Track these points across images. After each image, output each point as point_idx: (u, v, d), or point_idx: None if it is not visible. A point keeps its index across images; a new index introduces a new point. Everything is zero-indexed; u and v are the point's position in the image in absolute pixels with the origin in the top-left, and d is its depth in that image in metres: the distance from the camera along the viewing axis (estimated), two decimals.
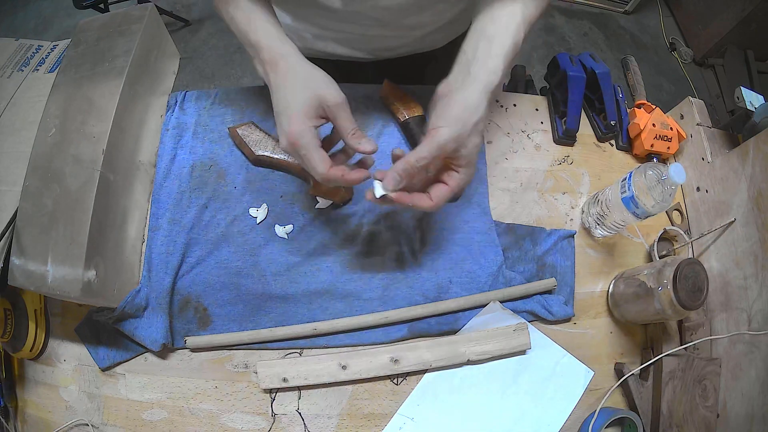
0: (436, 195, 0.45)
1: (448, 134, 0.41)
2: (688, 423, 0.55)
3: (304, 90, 0.43)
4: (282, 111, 0.44)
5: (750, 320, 0.56)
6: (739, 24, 1.92)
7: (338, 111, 0.44)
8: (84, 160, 0.53)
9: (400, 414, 0.56)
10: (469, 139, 0.42)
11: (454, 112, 0.42)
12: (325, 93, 0.43)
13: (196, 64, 1.85)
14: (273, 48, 0.45)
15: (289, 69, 0.44)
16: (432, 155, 0.42)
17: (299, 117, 0.43)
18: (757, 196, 0.57)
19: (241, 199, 0.63)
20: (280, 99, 0.44)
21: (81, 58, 0.60)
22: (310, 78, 0.44)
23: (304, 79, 0.44)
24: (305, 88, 0.44)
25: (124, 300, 0.55)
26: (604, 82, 0.69)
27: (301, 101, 0.43)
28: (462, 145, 0.42)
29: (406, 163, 0.42)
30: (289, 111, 0.43)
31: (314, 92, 0.43)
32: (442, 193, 0.45)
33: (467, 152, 0.43)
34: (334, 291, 0.60)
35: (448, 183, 0.45)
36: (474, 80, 0.43)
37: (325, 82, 0.44)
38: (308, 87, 0.44)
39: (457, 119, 0.42)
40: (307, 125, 0.43)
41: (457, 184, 0.45)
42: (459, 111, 0.42)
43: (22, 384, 0.60)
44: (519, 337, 0.57)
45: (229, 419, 0.56)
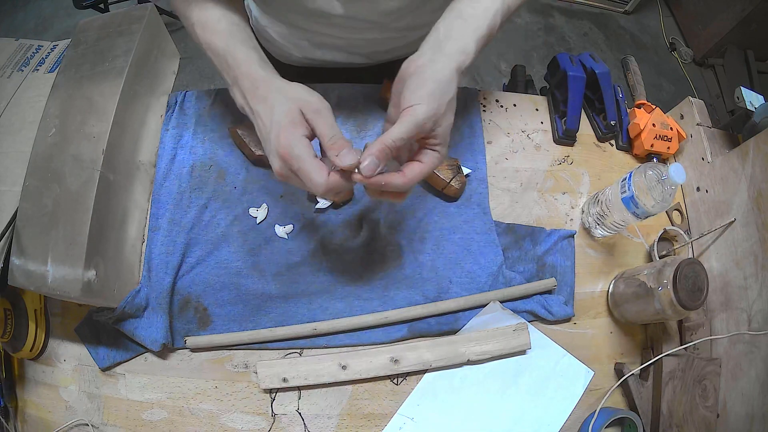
0: (410, 172, 0.42)
1: (424, 112, 0.40)
2: (688, 423, 0.55)
3: (284, 103, 0.41)
4: (267, 132, 0.41)
5: (750, 320, 0.56)
6: (739, 24, 1.92)
7: (317, 117, 0.41)
8: (84, 160, 0.53)
9: (400, 414, 0.56)
10: (444, 117, 0.41)
11: (428, 88, 0.40)
12: (306, 99, 0.41)
13: (196, 64, 1.85)
14: (252, 74, 0.44)
15: (267, 89, 0.43)
16: (409, 135, 0.40)
17: (286, 128, 0.40)
18: (757, 196, 0.57)
19: (241, 199, 0.63)
20: (264, 121, 0.42)
21: (81, 58, 0.60)
22: (288, 90, 0.42)
23: (284, 93, 0.42)
24: (285, 100, 0.41)
25: (124, 300, 0.55)
26: (604, 82, 0.69)
27: (283, 113, 0.41)
28: (437, 124, 0.41)
29: (382, 144, 0.40)
30: (274, 127, 0.40)
31: (294, 102, 0.41)
32: (415, 171, 0.42)
33: (442, 130, 0.42)
34: (334, 291, 0.60)
35: (423, 161, 0.43)
36: (446, 57, 0.42)
37: (305, 92, 0.42)
38: (288, 98, 0.42)
39: (432, 97, 0.40)
40: (297, 134, 0.40)
41: (432, 162, 0.43)
42: (433, 88, 0.40)
43: (22, 384, 0.60)
44: (519, 337, 0.57)
45: (229, 419, 0.56)
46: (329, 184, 0.39)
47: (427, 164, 0.42)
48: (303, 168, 0.39)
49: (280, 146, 0.40)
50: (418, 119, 0.39)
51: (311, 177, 0.39)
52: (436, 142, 0.42)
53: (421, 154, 0.43)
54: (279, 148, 0.40)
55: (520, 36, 2.15)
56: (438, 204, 0.64)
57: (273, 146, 0.41)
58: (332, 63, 0.69)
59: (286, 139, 0.40)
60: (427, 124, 0.40)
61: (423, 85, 0.41)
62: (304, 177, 0.40)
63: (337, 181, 0.40)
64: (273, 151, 0.41)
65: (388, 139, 0.40)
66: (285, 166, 0.41)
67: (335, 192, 0.41)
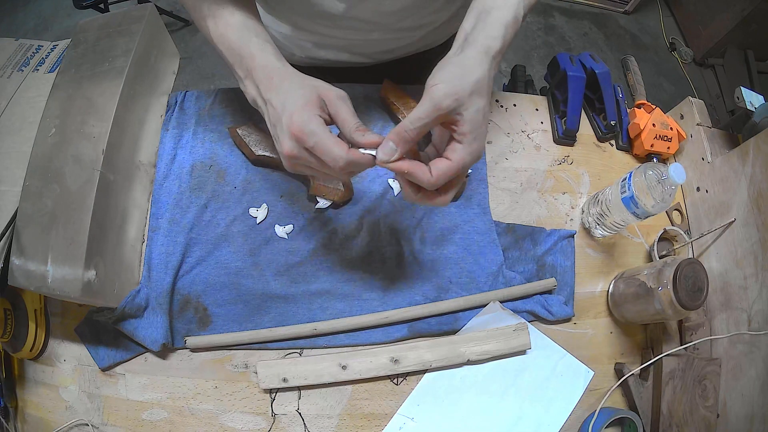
0: (437, 168, 0.38)
1: (442, 90, 0.36)
2: (688, 423, 0.55)
3: (301, 88, 0.40)
4: (278, 117, 0.39)
5: (750, 320, 0.56)
6: (739, 24, 1.92)
7: (340, 104, 0.39)
8: (84, 160, 0.53)
9: (400, 414, 0.56)
10: (469, 98, 0.37)
11: (449, 70, 0.38)
12: (324, 87, 0.40)
13: (196, 64, 1.85)
14: (266, 65, 0.43)
15: (282, 78, 0.42)
16: (428, 115, 0.37)
17: (300, 108, 0.38)
18: (757, 196, 0.57)
19: (241, 199, 0.63)
20: (275, 106, 0.40)
21: (81, 58, 0.60)
22: (306, 79, 0.42)
23: (301, 79, 0.41)
24: (302, 86, 0.40)
25: (124, 300, 0.55)
26: (604, 82, 0.69)
27: (299, 97, 0.39)
28: (461, 105, 0.37)
29: (401, 127, 0.37)
30: (287, 109, 0.39)
31: (313, 88, 0.40)
32: (442, 167, 0.38)
33: (469, 116, 0.37)
34: (334, 291, 0.60)
35: (450, 158, 0.38)
36: (471, 44, 0.40)
37: (323, 82, 0.42)
38: (305, 85, 0.40)
39: (452, 75, 0.37)
40: (312, 112, 0.38)
41: (461, 158, 0.38)
42: (455, 69, 0.38)
43: (22, 384, 0.60)
44: (519, 337, 0.57)
45: (229, 419, 0.56)
46: (350, 157, 0.37)
47: (454, 162, 0.38)
48: (320, 142, 0.37)
49: (293, 125, 0.38)
50: (435, 98, 0.36)
51: (331, 150, 0.37)
52: (463, 130, 0.38)
53: (448, 150, 0.39)
54: (291, 127, 0.38)
55: (520, 36, 2.15)
56: None
57: (285, 127, 0.38)
58: (335, 63, 0.69)
59: (300, 117, 0.38)
60: (446, 102, 0.36)
61: (444, 68, 0.38)
62: (323, 151, 0.37)
63: (357, 155, 0.38)
64: (285, 132, 0.39)
65: (406, 123, 0.37)
66: (298, 146, 0.38)
67: (355, 168, 0.39)
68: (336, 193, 0.61)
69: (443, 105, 0.36)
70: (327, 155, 0.37)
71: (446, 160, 0.39)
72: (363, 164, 0.39)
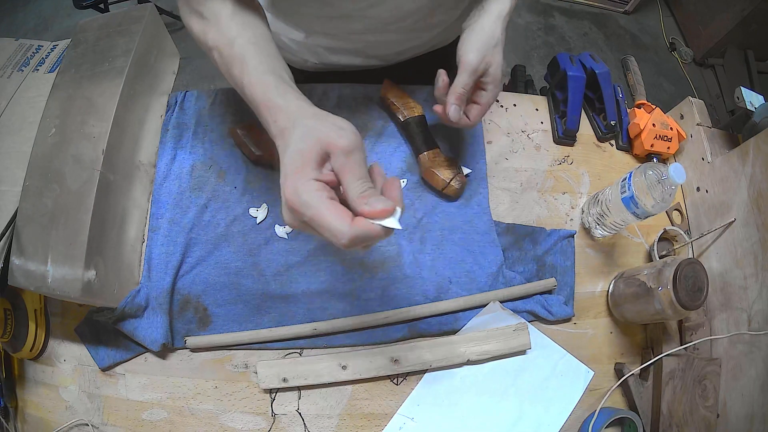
0: (473, 114, 0.53)
1: (476, 58, 0.49)
2: (688, 423, 0.55)
3: (302, 141, 0.34)
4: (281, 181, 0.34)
5: (750, 320, 0.56)
6: (739, 24, 1.92)
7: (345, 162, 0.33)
8: (84, 160, 0.53)
9: (400, 414, 0.56)
10: (492, 58, 0.50)
11: (474, 39, 0.50)
12: (332, 137, 0.33)
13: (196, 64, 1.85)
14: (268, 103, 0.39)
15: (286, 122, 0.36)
16: (471, 77, 0.50)
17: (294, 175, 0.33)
18: (757, 196, 0.57)
19: (241, 199, 0.63)
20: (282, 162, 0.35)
21: (81, 58, 0.60)
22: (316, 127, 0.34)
23: (309, 128, 0.34)
24: (304, 138, 0.34)
25: (124, 300, 0.55)
26: (604, 82, 0.69)
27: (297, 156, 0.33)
28: (488, 65, 0.50)
29: (456, 92, 0.51)
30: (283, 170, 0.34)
31: (316, 141, 0.33)
32: (477, 111, 0.53)
33: (493, 70, 0.51)
34: (334, 291, 0.60)
35: (480, 102, 0.53)
36: (486, 12, 0.51)
37: (336, 127, 0.34)
38: (309, 136, 0.34)
39: (478, 43, 0.50)
40: (306, 177, 0.33)
41: (488, 101, 0.53)
42: (479, 37, 0.50)
43: (22, 384, 0.60)
44: (519, 337, 0.57)
45: (229, 419, 0.56)
46: (354, 232, 0.32)
47: (483, 104, 0.53)
48: (316, 217, 0.32)
49: (286, 192, 0.33)
50: (472, 66, 0.49)
51: (330, 225, 0.31)
52: (488, 80, 0.52)
53: (477, 96, 0.53)
54: (285, 195, 0.33)
55: (520, 36, 2.15)
56: (438, 204, 0.64)
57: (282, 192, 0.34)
58: (348, 67, 0.69)
59: (293, 184, 0.33)
60: (481, 66, 0.50)
61: (471, 39, 0.50)
62: (321, 227, 0.32)
63: (365, 228, 0.32)
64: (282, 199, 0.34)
65: (458, 88, 0.50)
66: (295, 217, 0.34)
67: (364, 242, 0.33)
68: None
69: (479, 68, 0.50)
70: (326, 231, 0.32)
71: (477, 105, 0.53)
72: (372, 237, 0.32)
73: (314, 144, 0.33)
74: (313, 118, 0.35)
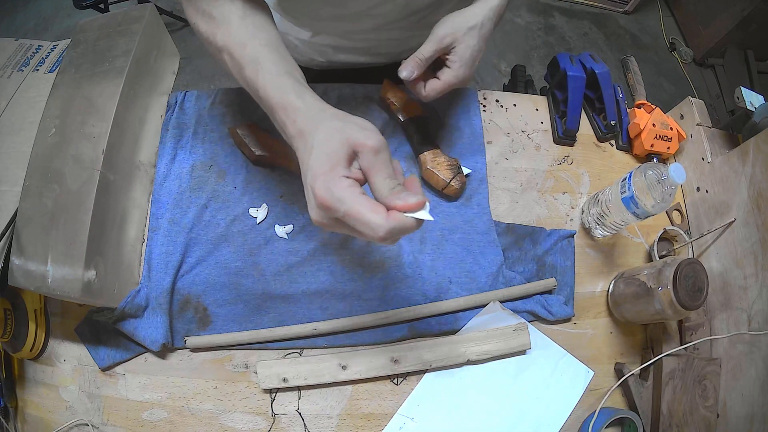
0: (429, 88, 0.52)
1: (443, 31, 0.49)
2: (688, 423, 0.55)
3: (329, 141, 0.34)
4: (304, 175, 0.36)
5: (750, 320, 0.56)
6: (739, 24, 1.92)
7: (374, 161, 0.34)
8: (84, 160, 0.53)
9: (400, 414, 0.56)
10: (464, 38, 0.49)
11: (453, 16, 0.50)
12: (359, 138, 0.34)
13: (196, 64, 1.85)
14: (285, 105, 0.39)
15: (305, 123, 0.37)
16: (433, 48, 0.49)
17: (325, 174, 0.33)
18: (757, 196, 0.57)
19: (241, 199, 0.63)
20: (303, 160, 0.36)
21: (81, 58, 0.60)
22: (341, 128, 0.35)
23: (335, 129, 0.35)
24: (330, 137, 0.35)
25: (124, 300, 0.55)
26: (604, 82, 0.69)
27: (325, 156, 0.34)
28: (456, 41, 0.49)
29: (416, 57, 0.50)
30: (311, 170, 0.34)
31: (344, 139, 0.34)
32: (434, 85, 0.51)
33: (461, 49, 0.49)
34: (334, 291, 0.60)
35: (440, 78, 0.51)
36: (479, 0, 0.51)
37: (360, 127, 0.35)
38: (334, 137, 0.35)
39: (453, 19, 0.50)
40: (338, 175, 0.33)
41: (447, 79, 0.51)
42: (457, 15, 0.50)
43: (22, 384, 0.60)
44: (519, 337, 0.57)
45: (229, 419, 0.56)
46: (390, 225, 0.32)
47: (442, 81, 0.51)
48: (351, 211, 0.32)
49: (318, 191, 0.33)
50: (437, 36, 0.49)
51: (367, 219, 0.32)
52: (453, 58, 0.50)
53: (439, 72, 0.52)
54: (316, 194, 0.34)
55: (520, 36, 2.15)
56: (438, 204, 0.64)
57: (310, 192, 0.35)
58: (353, 65, 0.70)
59: (324, 182, 0.33)
60: (446, 40, 0.49)
61: (451, 16, 0.50)
62: (356, 221, 0.33)
63: (400, 221, 0.33)
64: (310, 198, 0.35)
65: (419, 54, 0.50)
66: (326, 215, 0.34)
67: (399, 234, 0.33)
68: None
69: (444, 41, 0.49)
70: (362, 225, 0.33)
71: (436, 80, 0.52)
72: (407, 229, 0.33)
73: (342, 144, 0.34)
74: (336, 119, 0.36)
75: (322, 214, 0.35)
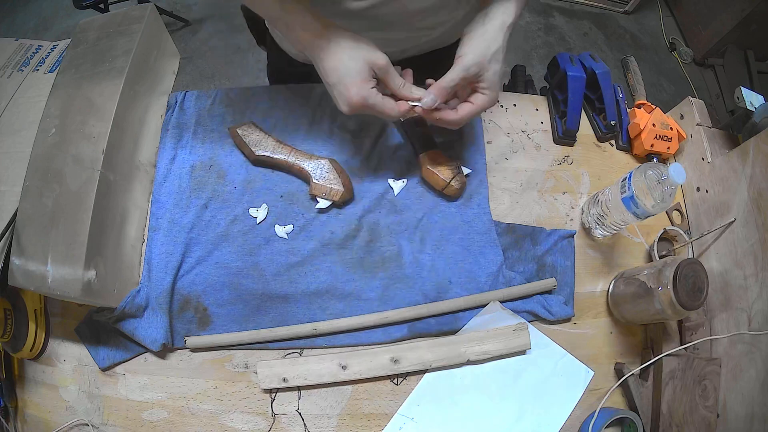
0: (462, 110, 0.53)
1: (470, 59, 0.49)
2: (688, 423, 0.55)
3: (353, 59, 0.49)
4: (336, 82, 0.50)
5: (750, 320, 0.56)
6: (739, 24, 1.92)
7: (387, 71, 0.50)
8: (84, 160, 0.53)
9: (400, 414, 0.56)
10: (489, 65, 0.50)
11: (474, 42, 0.50)
12: (373, 58, 0.49)
13: (196, 64, 1.85)
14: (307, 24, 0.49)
15: (330, 42, 0.49)
16: (459, 77, 0.50)
17: (357, 85, 0.49)
18: (757, 196, 0.57)
19: (241, 199, 0.63)
20: (332, 72, 0.49)
21: (81, 58, 0.60)
22: (355, 46, 0.49)
23: (351, 49, 0.49)
24: (354, 58, 0.49)
25: (124, 300, 0.55)
26: (604, 82, 0.69)
27: (354, 70, 0.48)
28: (484, 69, 0.50)
29: (439, 85, 0.51)
30: (345, 81, 0.49)
31: (363, 59, 0.49)
32: (466, 109, 0.52)
33: (489, 76, 0.51)
34: (334, 291, 0.60)
35: (473, 102, 0.52)
36: (491, 19, 0.51)
37: (370, 48, 0.49)
38: (356, 57, 0.49)
39: (477, 47, 0.50)
40: (368, 87, 0.49)
41: (481, 104, 0.52)
42: (479, 42, 0.50)
43: (22, 384, 0.60)
44: (519, 337, 0.57)
45: (229, 419, 0.56)
46: (400, 110, 0.51)
47: (476, 105, 0.52)
48: (377, 105, 0.50)
49: (353, 97, 0.49)
50: (464, 65, 0.49)
51: (387, 109, 0.51)
52: (484, 85, 0.51)
53: (472, 96, 0.53)
54: (352, 99, 0.49)
55: (520, 36, 2.15)
56: (438, 204, 0.64)
57: (344, 97, 0.50)
58: None
59: (360, 92, 0.49)
60: (473, 69, 0.50)
61: (470, 41, 0.50)
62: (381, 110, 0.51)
63: (406, 107, 0.52)
64: (344, 100, 0.50)
65: (443, 82, 0.51)
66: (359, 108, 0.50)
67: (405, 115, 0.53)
68: (336, 193, 0.61)
69: (470, 72, 0.50)
70: (384, 113, 0.51)
71: (469, 104, 0.53)
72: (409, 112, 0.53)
73: (364, 64, 0.49)
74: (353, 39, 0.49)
75: (352, 108, 0.50)
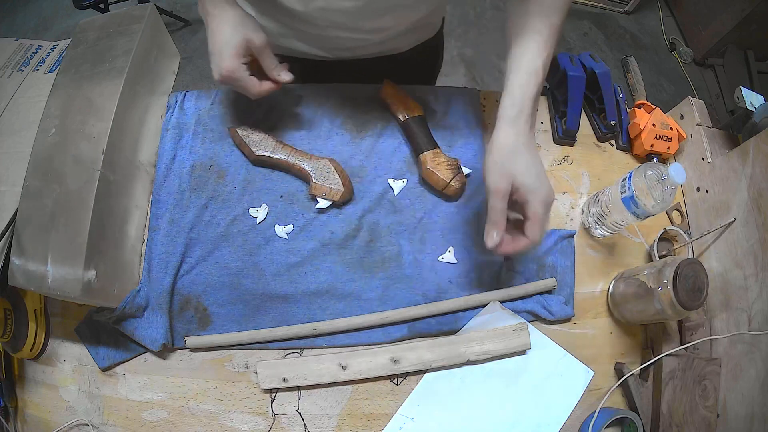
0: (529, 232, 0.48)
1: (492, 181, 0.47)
2: (688, 423, 0.55)
3: (234, 34, 0.52)
4: (215, 51, 0.53)
5: (750, 320, 0.56)
6: (739, 24, 1.92)
7: (262, 51, 0.54)
8: (84, 160, 0.53)
9: (400, 414, 0.56)
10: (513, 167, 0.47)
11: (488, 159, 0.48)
12: (252, 37, 0.53)
13: (196, 64, 1.85)
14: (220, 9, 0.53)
15: (222, 15, 0.53)
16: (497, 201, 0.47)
17: (231, 57, 0.52)
18: (757, 196, 0.57)
19: (241, 199, 0.63)
20: (215, 42, 0.53)
21: (81, 58, 0.60)
22: (240, 24, 0.53)
23: (235, 25, 0.53)
24: (235, 32, 0.52)
25: (124, 300, 0.55)
26: (604, 82, 0.69)
27: (232, 43, 0.52)
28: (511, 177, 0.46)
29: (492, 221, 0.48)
30: (222, 52, 0.52)
31: (243, 36, 0.52)
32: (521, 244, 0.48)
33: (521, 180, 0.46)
34: (334, 291, 0.60)
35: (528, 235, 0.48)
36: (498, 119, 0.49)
37: (253, 27, 0.53)
38: (238, 31, 0.52)
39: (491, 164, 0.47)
40: (238, 63, 0.53)
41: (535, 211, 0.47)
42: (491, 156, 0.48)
43: (22, 384, 0.60)
44: (519, 337, 0.57)
45: (229, 419, 0.56)
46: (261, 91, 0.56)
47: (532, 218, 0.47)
48: (244, 84, 0.54)
49: (226, 68, 0.53)
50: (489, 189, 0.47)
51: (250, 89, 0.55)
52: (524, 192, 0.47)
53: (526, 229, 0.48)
54: (225, 69, 0.53)
55: None
56: (438, 204, 0.64)
57: (219, 64, 0.53)
58: (297, 53, 0.70)
59: (231, 64, 0.52)
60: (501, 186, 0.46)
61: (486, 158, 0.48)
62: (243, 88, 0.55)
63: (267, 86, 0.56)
64: (218, 68, 0.53)
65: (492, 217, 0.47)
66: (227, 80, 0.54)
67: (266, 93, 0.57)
68: (336, 193, 0.61)
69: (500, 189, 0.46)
70: (247, 88, 0.55)
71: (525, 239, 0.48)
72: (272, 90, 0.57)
73: (242, 40, 0.52)
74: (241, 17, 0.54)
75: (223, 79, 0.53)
